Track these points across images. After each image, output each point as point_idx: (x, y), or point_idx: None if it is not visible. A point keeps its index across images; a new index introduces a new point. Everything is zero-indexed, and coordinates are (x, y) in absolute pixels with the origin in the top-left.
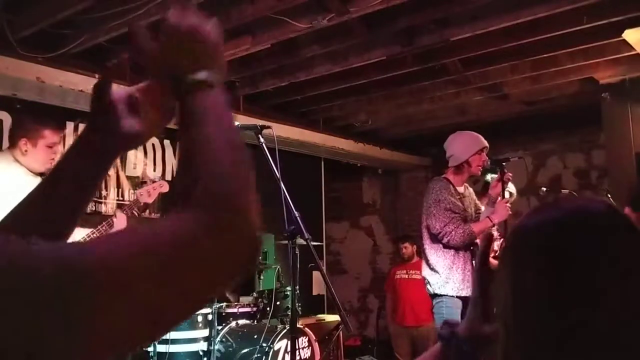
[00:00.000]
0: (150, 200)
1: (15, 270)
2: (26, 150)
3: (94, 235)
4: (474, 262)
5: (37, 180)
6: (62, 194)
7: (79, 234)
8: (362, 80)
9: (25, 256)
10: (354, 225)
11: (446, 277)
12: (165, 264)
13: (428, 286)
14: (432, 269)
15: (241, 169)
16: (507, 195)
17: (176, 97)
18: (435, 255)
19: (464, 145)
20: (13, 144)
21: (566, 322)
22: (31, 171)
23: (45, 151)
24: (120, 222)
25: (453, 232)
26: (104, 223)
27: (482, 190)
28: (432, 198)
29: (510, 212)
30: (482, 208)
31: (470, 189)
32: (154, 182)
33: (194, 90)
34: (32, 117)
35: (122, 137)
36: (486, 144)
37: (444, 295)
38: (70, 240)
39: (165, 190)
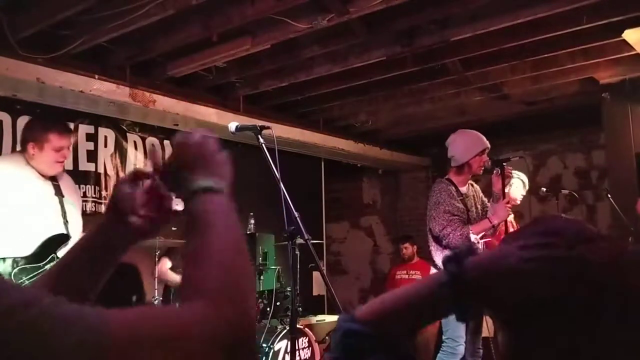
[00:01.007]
0: None
1: (40, 336)
2: (33, 154)
3: None
4: None
5: (47, 184)
6: (76, 279)
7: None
8: (362, 81)
9: (51, 319)
10: (354, 225)
11: None
12: (173, 346)
13: None
14: (438, 269)
15: (244, 269)
16: (520, 185)
17: (185, 204)
18: (441, 256)
19: (465, 147)
20: (24, 148)
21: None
22: (41, 174)
23: (52, 155)
24: None
25: (451, 235)
26: None
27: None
28: (433, 201)
29: (511, 212)
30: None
31: (477, 187)
32: None
33: (197, 195)
34: (41, 122)
35: (129, 234)
36: (488, 145)
37: None
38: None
39: None
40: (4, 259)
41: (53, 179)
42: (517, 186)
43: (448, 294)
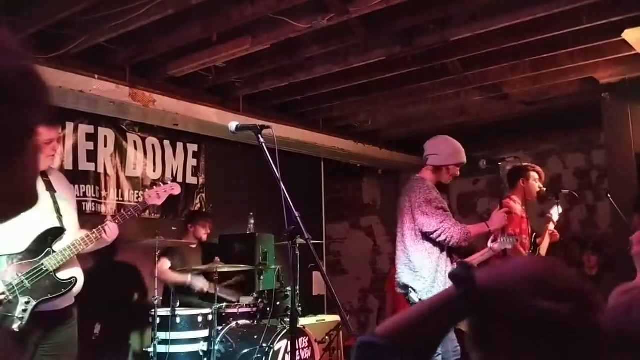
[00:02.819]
0: (159, 202)
1: None
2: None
3: (89, 239)
4: (453, 264)
5: (38, 180)
6: None
7: (74, 236)
8: (362, 81)
9: None
10: (354, 225)
11: (432, 281)
12: None
13: (412, 294)
14: (417, 273)
15: None
16: (536, 177)
17: None
18: (421, 257)
19: (451, 152)
20: None
21: None
22: None
23: (42, 148)
24: (112, 231)
25: (452, 229)
26: (94, 231)
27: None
28: (422, 197)
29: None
30: None
31: None
32: (165, 183)
33: None
34: None
35: None
36: (465, 161)
37: None
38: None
39: (177, 192)
40: None
41: (43, 175)
42: (535, 179)
43: (462, 305)
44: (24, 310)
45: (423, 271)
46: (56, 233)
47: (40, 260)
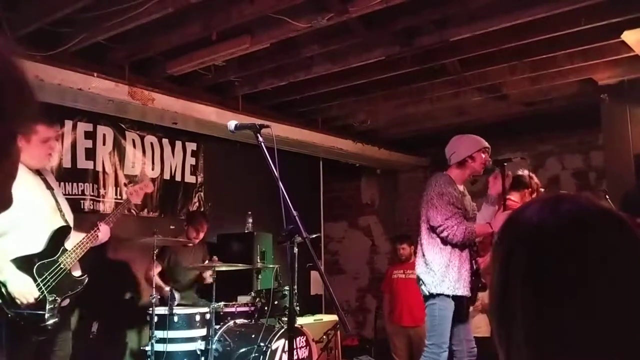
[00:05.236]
0: (138, 201)
1: None
2: (21, 147)
3: (84, 244)
4: (472, 262)
5: (36, 178)
6: None
7: (74, 239)
8: (361, 80)
9: None
10: (352, 225)
11: (442, 275)
12: None
13: (422, 287)
14: (428, 266)
15: None
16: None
17: None
18: (433, 252)
19: (467, 144)
20: None
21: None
22: (29, 168)
23: (40, 147)
24: (104, 233)
25: (455, 227)
26: (89, 235)
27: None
28: (436, 191)
29: None
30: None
31: (466, 192)
32: (141, 182)
33: None
34: None
35: None
36: (488, 145)
37: (440, 294)
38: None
39: (150, 190)
40: (22, 257)
41: (39, 173)
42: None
43: None
44: (53, 308)
45: (433, 265)
46: (66, 231)
47: (58, 259)
